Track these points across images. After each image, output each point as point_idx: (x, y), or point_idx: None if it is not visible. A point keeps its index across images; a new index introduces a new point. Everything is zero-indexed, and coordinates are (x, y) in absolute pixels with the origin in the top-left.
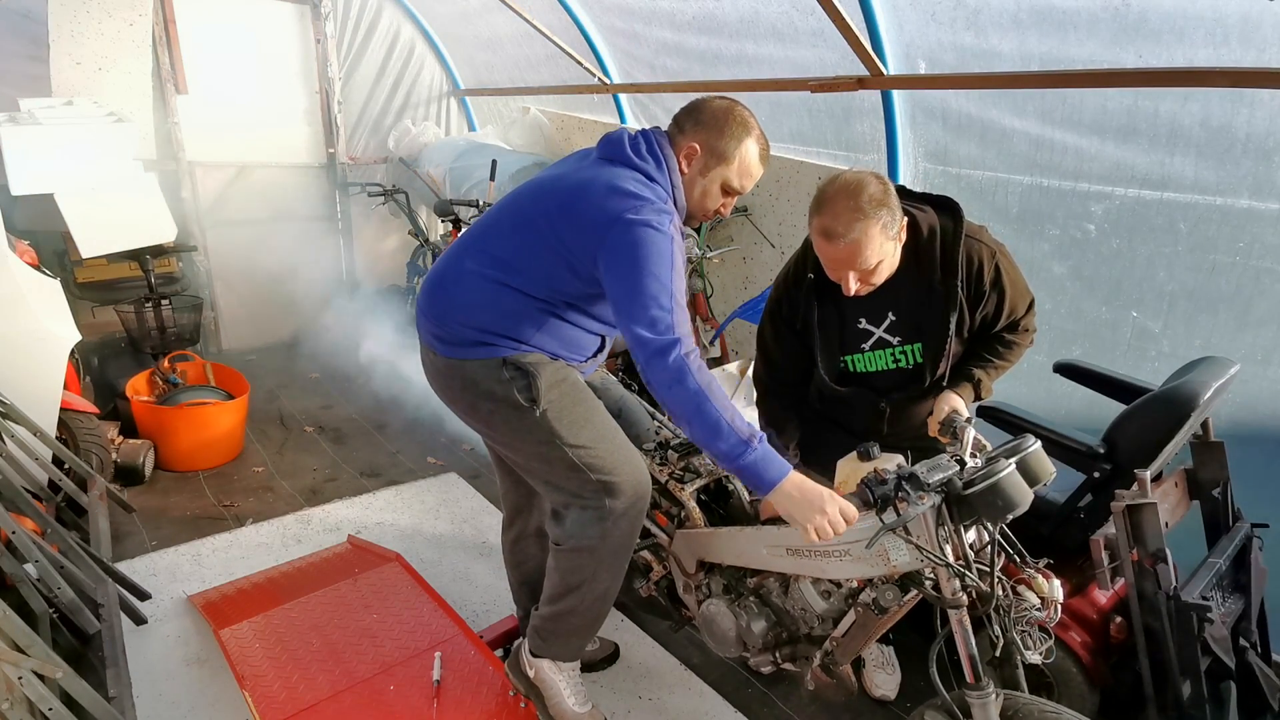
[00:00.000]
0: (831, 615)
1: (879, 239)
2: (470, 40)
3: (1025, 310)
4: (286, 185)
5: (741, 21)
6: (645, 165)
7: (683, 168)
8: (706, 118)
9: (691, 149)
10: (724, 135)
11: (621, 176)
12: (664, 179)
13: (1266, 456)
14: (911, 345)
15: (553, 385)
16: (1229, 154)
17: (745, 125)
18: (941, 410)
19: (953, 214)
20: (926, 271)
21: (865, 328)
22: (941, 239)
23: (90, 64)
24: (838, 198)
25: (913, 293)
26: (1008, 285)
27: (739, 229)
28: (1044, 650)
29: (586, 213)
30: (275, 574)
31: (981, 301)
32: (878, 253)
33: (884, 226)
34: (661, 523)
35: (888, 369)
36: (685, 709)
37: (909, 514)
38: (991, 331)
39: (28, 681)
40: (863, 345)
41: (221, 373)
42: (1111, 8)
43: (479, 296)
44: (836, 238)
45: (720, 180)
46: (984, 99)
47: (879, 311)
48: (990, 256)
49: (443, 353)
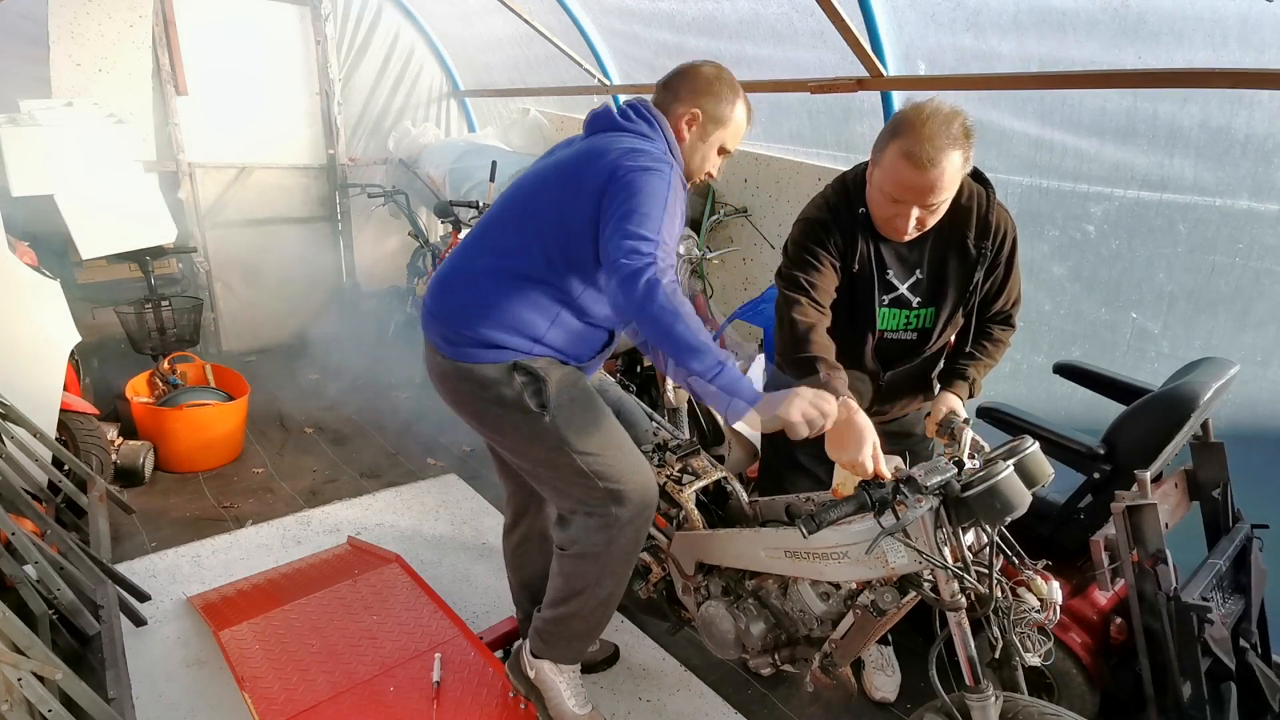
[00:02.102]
0: (830, 617)
1: (960, 173)
2: (470, 41)
3: (1014, 301)
4: (286, 187)
5: (741, 23)
6: (637, 128)
7: (682, 134)
8: (701, 84)
9: (693, 115)
10: (721, 100)
11: (617, 139)
12: (659, 139)
13: (1266, 457)
14: (927, 309)
15: (563, 390)
16: (1228, 155)
17: (735, 88)
18: (939, 411)
19: (985, 184)
20: (961, 232)
21: (891, 280)
22: (978, 202)
23: (90, 65)
24: (931, 121)
25: (944, 253)
26: (1017, 264)
27: (739, 230)
28: (1043, 652)
29: (587, 177)
30: (275, 575)
31: (1001, 271)
32: (953, 187)
33: (966, 162)
34: (660, 524)
35: (896, 330)
36: (685, 710)
37: (907, 517)
38: (989, 312)
39: (27, 683)
40: (884, 298)
41: (221, 374)
42: (1111, 9)
43: (491, 291)
44: (925, 164)
45: (718, 144)
46: (983, 100)
47: (909, 267)
48: (1012, 229)
49: (451, 355)
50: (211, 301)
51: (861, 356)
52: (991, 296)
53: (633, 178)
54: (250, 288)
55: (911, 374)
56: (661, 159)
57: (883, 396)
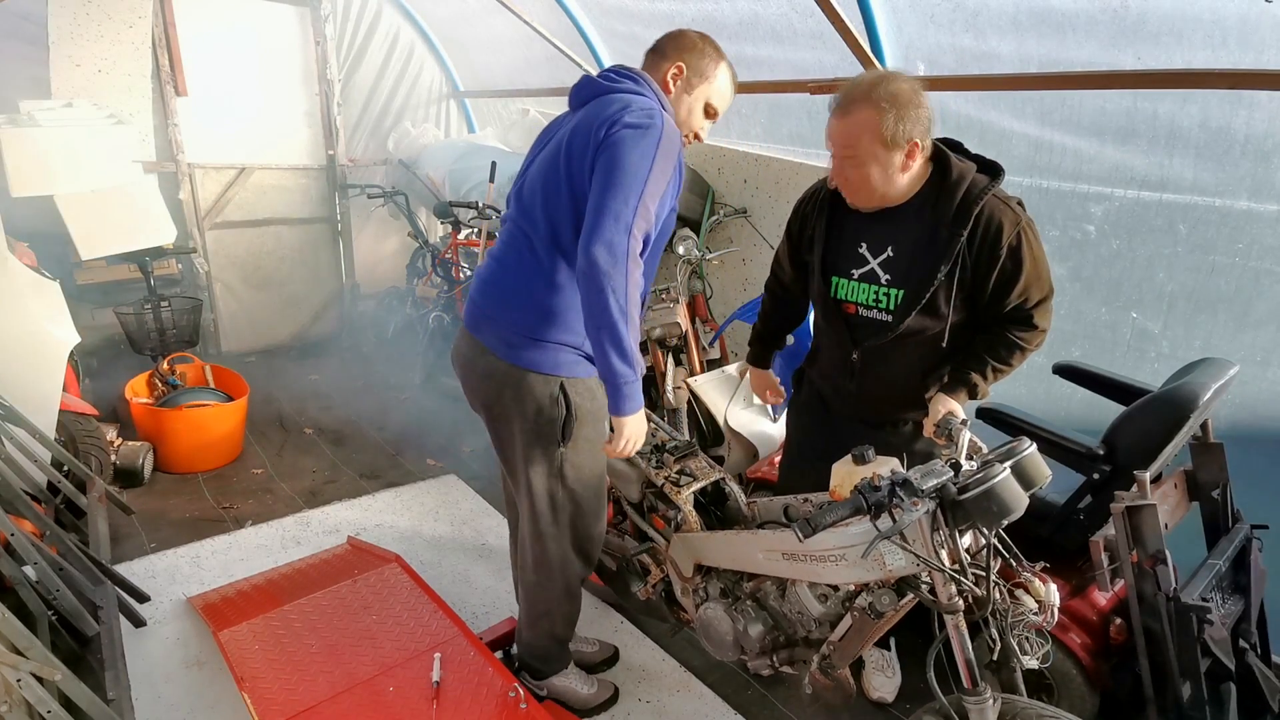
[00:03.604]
0: (828, 619)
1: (872, 131)
2: (470, 42)
3: (1039, 301)
4: (286, 187)
5: (741, 24)
6: (623, 85)
7: (668, 86)
8: (686, 43)
9: (678, 68)
10: (704, 56)
11: (608, 103)
12: (648, 91)
13: (1266, 458)
14: (896, 290)
15: (583, 424)
16: (1228, 155)
17: (719, 53)
18: (937, 412)
19: (991, 174)
20: (939, 214)
21: (863, 254)
22: (967, 190)
23: (90, 66)
24: (865, 77)
25: (918, 233)
26: (1027, 258)
27: (738, 230)
28: (1041, 654)
29: (583, 143)
30: (275, 575)
31: (995, 267)
32: (867, 153)
33: (883, 119)
34: (659, 526)
35: (867, 305)
36: (685, 711)
37: (904, 520)
38: (1004, 310)
39: (26, 684)
40: (853, 271)
41: (221, 374)
42: (1110, 10)
43: (533, 272)
44: (836, 110)
45: (704, 98)
46: (983, 100)
47: (881, 241)
48: (1014, 223)
49: (505, 356)
50: (211, 302)
51: (839, 330)
52: (995, 294)
53: (616, 149)
54: (250, 289)
55: (890, 363)
56: (653, 110)
57: (859, 378)
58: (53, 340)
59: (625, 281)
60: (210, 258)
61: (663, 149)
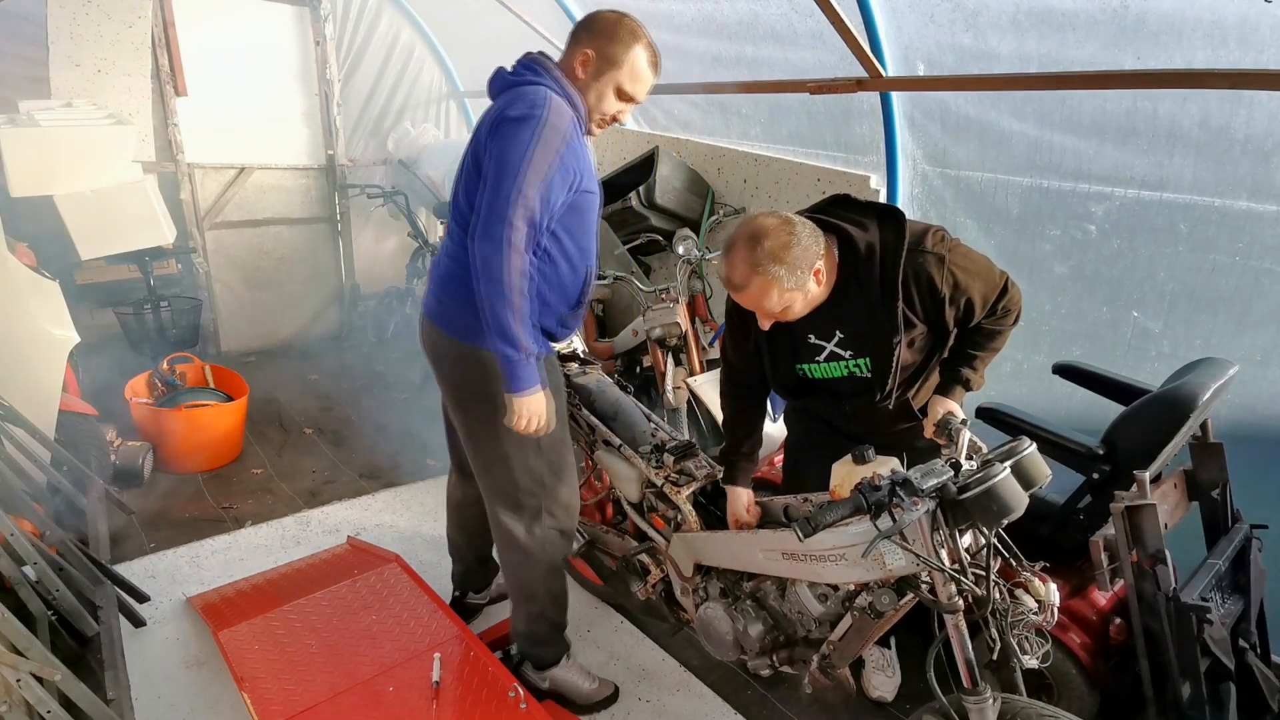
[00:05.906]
0: (828, 619)
1: (774, 292)
2: (470, 42)
3: (1000, 294)
4: (286, 187)
5: (741, 24)
6: (523, 78)
7: (578, 74)
8: (598, 27)
9: (585, 55)
10: (614, 41)
11: (504, 97)
12: (545, 81)
13: (1266, 458)
14: (864, 359)
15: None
16: (1228, 155)
17: (634, 33)
18: (936, 413)
19: (896, 227)
20: (867, 292)
21: (816, 343)
22: (882, 257)
23: (89, 66)
24: (737, 246)
25: (856, 313)
26: (968, 283)
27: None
28: (1041, 654)
29: (484, 137)
30: (274, 575)
31: (945, 308)
32: (778, 303)
33: (778, 280)
34: (658, 525)
35: (844, 377)
36: (685, 711)
37: (903, 520)
38: (975, 324)
39: (26, 684)
40: (816, 357)
41: (220, 374)
42: (1110, 10)
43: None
44: (733, 288)
45: (614, 84)
46: (983, 100)
47: (826, 329)
48: (939, 264)
49: (452, 334)
50: (211, 302)
51: (821, 397)
52: (965, 317)
53: (497, 143)
54: (249, 289)
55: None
56: (538, 99)
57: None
58: (53, 340)
59: (504, 269)
60: (210, 258)
61: (542, 137)
